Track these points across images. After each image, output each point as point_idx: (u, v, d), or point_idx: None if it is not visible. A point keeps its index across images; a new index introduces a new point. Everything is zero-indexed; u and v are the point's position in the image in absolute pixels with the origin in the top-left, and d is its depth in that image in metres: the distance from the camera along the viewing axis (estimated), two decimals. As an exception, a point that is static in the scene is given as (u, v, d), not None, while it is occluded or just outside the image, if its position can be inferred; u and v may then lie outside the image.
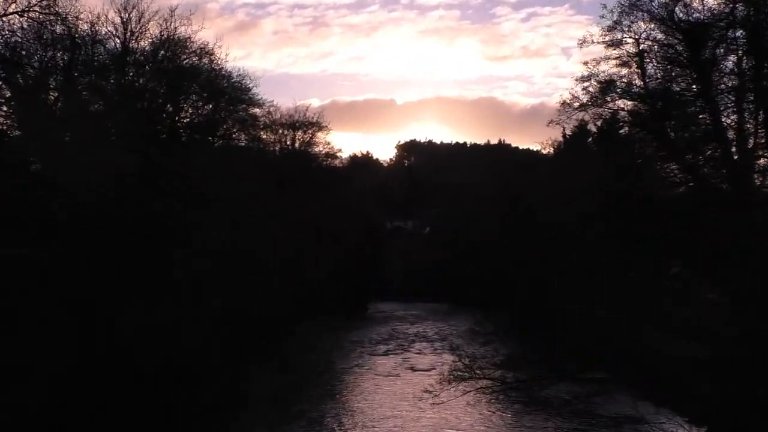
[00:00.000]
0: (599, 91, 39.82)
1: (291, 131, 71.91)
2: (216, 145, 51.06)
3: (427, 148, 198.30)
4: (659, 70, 37.66)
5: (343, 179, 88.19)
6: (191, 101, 47.88)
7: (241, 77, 51.56)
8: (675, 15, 34.62)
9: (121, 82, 41.57)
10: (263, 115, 62.41)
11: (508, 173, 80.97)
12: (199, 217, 35.33)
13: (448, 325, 77.53)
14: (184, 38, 45.02)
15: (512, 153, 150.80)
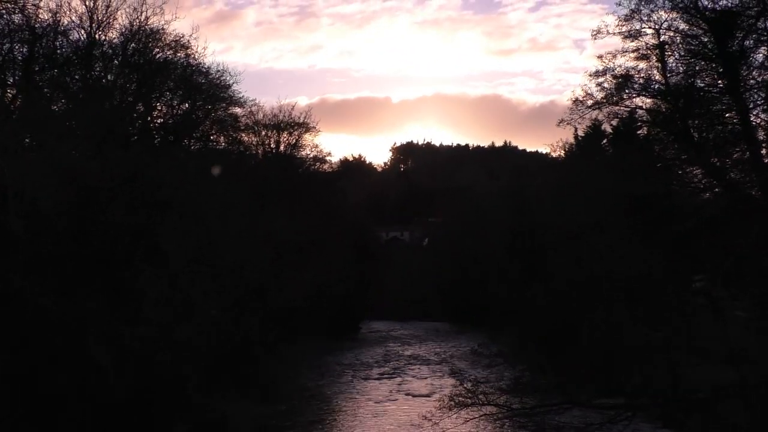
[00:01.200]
0: (615, 87, 39.59)
1: (275, 133, 71.58)
2: (192, 148, 50.73)
3: (425, 150, 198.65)
4: (682, 63, 37.46)
5: (333, 185, 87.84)
6: (165, 100, 47.60)
7: (220, 73, 51.32)
8: (699, 2, 34.43)
9: (86, 78, 41.19)
10: (244, 115, 62.17)
11: (514, 178, 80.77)
12: (169, 230, 34.89)
13: (448, 346, 77.17)
14: (156, 29, 44.72)
15: (519, 156, 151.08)
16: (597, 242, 39.40)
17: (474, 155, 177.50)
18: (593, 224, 40.45)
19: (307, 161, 76.53)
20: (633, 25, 37.78)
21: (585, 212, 43.23)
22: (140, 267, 33.26)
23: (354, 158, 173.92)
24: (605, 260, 37.78)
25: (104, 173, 31.38)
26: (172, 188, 36.28)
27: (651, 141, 40.72)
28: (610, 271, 36.94)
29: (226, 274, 41.46)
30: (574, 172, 53.27)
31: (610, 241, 37.89)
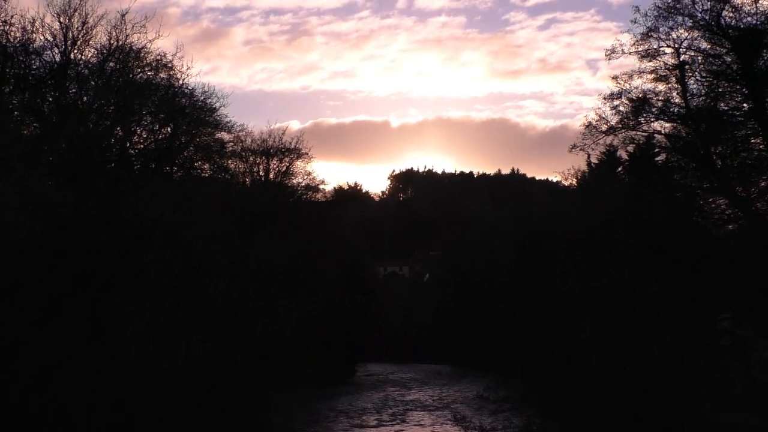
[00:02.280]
0: (631, 110, 39.74)
1: (264, 159, 71.54)
2: (175, 176, 50.58)
3: (426, 178, 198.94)
4: (703, 85, 37.63)
5: (327, 216, 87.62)
6: (145, 123, 47.43)
7: (205, 95, 51.24)
8: (722, 20, 34.64)
9: (60, 100, 41.13)
10: (231, 141, 62.01)
11: (523, 208, 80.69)
12: (150, 259, 34.81)
13: (452, 390, 76.69)
14: (137, 48, 44.69)
15: (528, 184, 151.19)
16: (612, 275, 39.29)
17: (479, 183, 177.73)
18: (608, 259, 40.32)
19: (299, 190, 76.39)
20: (650, 44, 38.05)
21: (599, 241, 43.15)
22: (118, 298, 33.14)
23: (350, 186, 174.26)
24: (621, 292, 37.66)
25: (79, 202, 31.28)
26: (153, 217, 36.20)
27: (670, 168, 40.75)
28: (627, 305, 36.81)
29: (211, 306, 41.30)
30: (588, 201, 53.19)
31: (627, 275, 37.80)
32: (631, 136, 41.77)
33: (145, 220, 35.57)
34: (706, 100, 37.39)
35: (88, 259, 32.53)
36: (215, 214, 46.69)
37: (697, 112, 36.99)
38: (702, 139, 36.87)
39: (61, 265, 31.30)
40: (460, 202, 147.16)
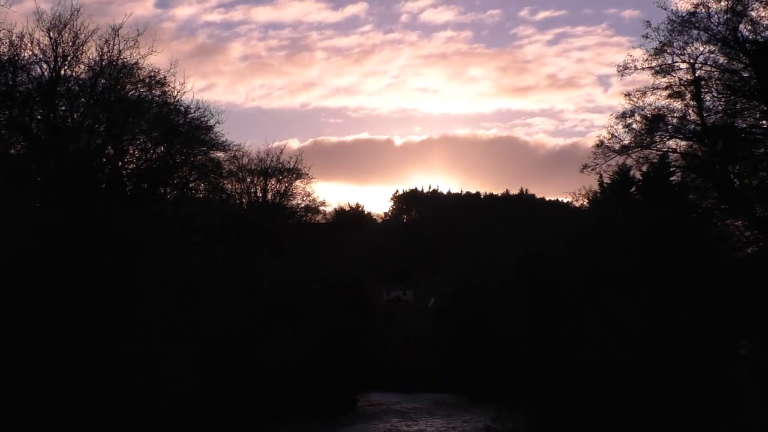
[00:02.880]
0: (645, 128, 39.67)
1: (262, 179, 71.47)
2: (168, 196, 50.49)
3: (431, 199, 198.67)
4: (720, 101, 37.56)
5: (328, 239, 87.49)
6: (138, 142, 47.37)
7: (201, 112, 51.11)
8: (739, 33, 34.62)
9: (49, 118, 41.12)
10: (228, 160, 61.96)
11: (531, 230, 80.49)
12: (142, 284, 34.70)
13: (459, 422, 76.32)
14: (129, 64, 44.65)
15: (537, 205, 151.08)
16: (626, 303, 39.11)
17: (486, 204, 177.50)
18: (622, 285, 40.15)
19: (298, 211, 76.29)
20: (664, 59, 38.00)
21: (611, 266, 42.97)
22: (108, 325, 33.02)
23: (351, 208, 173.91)
24: (635, 321, 37.48)
25: (68, 224, 31.21)
26: (145, 239, 36.09)
27: (686, 189, 40.61)
28: (642, 335, 36.63)
29: (207, 332, 41.13)
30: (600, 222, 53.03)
31: (641, 303, 37.63)
32: (645, 155, 41.71)
33: (136, 242, 35.42)
34: (723, 117, 37.32)
35: (75, 282, 32.40)
36: (211, 236, 46.59)
37: (714, 129, 36.92)
38: (719, 157, 36.79)
39: (50, 288, 31.18)
40: (466, 224, 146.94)
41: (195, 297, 40.63)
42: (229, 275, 46.33)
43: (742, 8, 36.69)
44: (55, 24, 41.93)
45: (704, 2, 37.89)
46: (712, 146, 37.03)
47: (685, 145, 40.26)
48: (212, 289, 42.42)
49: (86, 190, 36.66)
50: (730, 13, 36.89)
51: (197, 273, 40.68)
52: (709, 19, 37.16)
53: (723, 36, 35.91)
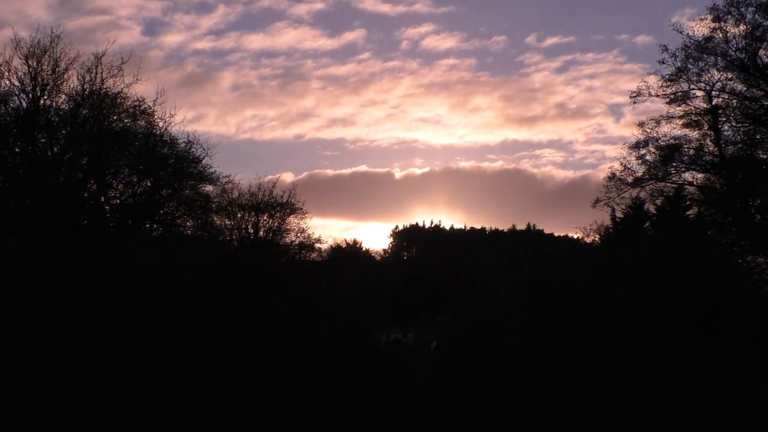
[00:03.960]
0: (660, 159, 39.66)
1: (253, 215, 71.30)
2: (154, 233, 50.36)
3: (432, 235, 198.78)
4: (739, 131, 37.56)
5: (323, 277, 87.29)
6: (122, 176, 47.30)
7: (189, 144, 51.06)
8: (759, 59, 34.62)
9: (27, 151, 41.07)
10: (217, 195, 61.88)
11: (540, 267, 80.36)
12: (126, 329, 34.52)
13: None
14: (113, 93, 44.65)
15: (545, 241, 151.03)
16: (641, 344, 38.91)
17: (491, 240, 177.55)
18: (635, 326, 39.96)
19: (292, 248, 76.08)
20: (680, 86, 38.09)
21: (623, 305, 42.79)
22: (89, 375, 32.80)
23: (348, 244, 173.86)
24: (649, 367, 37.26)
25: (46, 264, 31.05)
26: (130, 281, 35.93)
27: (704, 223, 40.49)
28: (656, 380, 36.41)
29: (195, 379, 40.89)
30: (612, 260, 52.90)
31: (657, 345, 37.42)
32: (659, 187, 41.69)
33: (121, 284, 35.25)
34: (743, 147, 37.32)
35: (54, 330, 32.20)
36: (200, 275, 46.40)
37: (733, 160, 36.89)
38: (738, 190, 36.72)
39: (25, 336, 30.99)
40: (470, 261, 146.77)
41: (182, 342, 40.39)
42: (218, 318, 46.07)
43: (761, 33, 36.79)
44: (34, 51, 41.90)
45: (721, 27, 38.02)
46: (731, 179, 36.97)
47: (702, 177, 40.26)
48: (200, 333, 42.18)
49: (67, 227, 36.51)
50: (749, 39, 36.98)
51: (184, 318, 40.43)
52: (727, 44, 37.27)
53: (741, 62, 35.97)
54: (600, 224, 64.40)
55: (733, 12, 37.58)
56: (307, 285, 75.19)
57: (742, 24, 37.34)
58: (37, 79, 41.84)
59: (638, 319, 40.52)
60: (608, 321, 44.81)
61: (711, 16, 38.66)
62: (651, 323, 39.05)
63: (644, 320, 39.94)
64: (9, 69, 41.33)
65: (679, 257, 38.00)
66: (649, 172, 39.87)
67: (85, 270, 34.17)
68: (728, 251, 38.61)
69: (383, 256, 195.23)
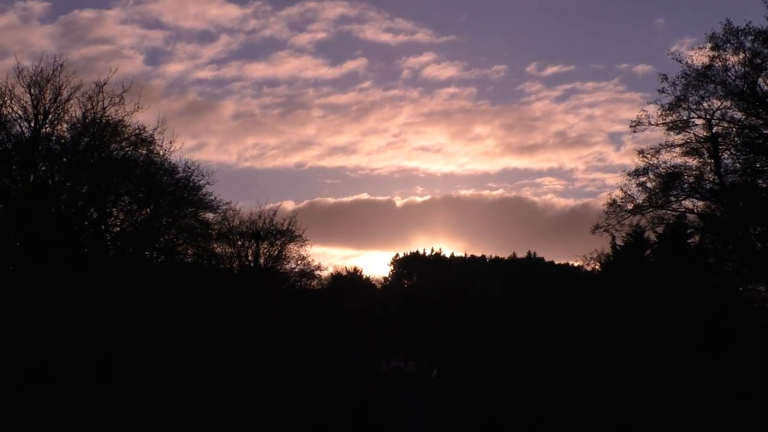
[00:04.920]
0: (660, 187, 39.70)
1: (253, 243, 71.15)
2: (155, 261, 50.29)
3: (433, 263, 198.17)
4: (738, 159, 37.61)
5: (324, 305, 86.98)
6: (123, 204, 47.31)
7: (189, 172, 50.99)
8: (758, 88, 34.71)
9: (28, 179, 41.12)
10: (217, 222, 61.81)
11: (541, 296, 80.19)
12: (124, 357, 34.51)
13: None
14: (114, 122, 44.71)
15: (546, 269, 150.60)
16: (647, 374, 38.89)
17: (492, 268, 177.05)
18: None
19: (292, 276, 75.87)
20: (679, 114, 38.19)
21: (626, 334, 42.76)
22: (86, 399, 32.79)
23: (348, 272, 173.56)
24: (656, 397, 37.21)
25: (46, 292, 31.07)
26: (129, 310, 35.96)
27: (705, 251, 40.49)
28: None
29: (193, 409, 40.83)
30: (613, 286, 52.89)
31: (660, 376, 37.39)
32: (660, 215, 41.70)
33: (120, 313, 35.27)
34: (743, 175, 37.36)
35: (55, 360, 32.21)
36: (199, 305, 46.38)
37: (733, 189, 36.90)
38: (739, 218, 36.73)
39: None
40: (471, 289, 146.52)
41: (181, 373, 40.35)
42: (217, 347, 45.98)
43: (760, 61, 36.94)
44: (37, 80, 42.06)
45: (721, 55, 38.18)
46: (731, 206, 36.98)
47: (703, 205, 40.32)
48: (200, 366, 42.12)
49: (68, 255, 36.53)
50: (749, 67, 37.12)
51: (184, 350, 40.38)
52: (726, 72, 37.42)
53: (741, 90, 36.10)
54: (600, 252, 64.40)
55: (732, 41, 37.80)
56: (309, 312, 75.01)
57: (742, 52, 37.51)
58: (39, 107, 41.96)
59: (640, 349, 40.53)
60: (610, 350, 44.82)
61: (710, 44, 38.92)
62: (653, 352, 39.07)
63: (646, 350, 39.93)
64: (11, 97, 41.50)
65: (681, 285, 38.06)
66: (650, 199, 39.91)
67: (84, 298, 34.18)
68: (730, 279, 38.57)
69: (384, 283, 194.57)
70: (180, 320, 41.55)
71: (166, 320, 39.48)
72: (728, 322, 37.40)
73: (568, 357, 57.66)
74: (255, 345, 54.06)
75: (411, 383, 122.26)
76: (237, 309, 57.03)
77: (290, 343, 62.40)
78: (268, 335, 57.48)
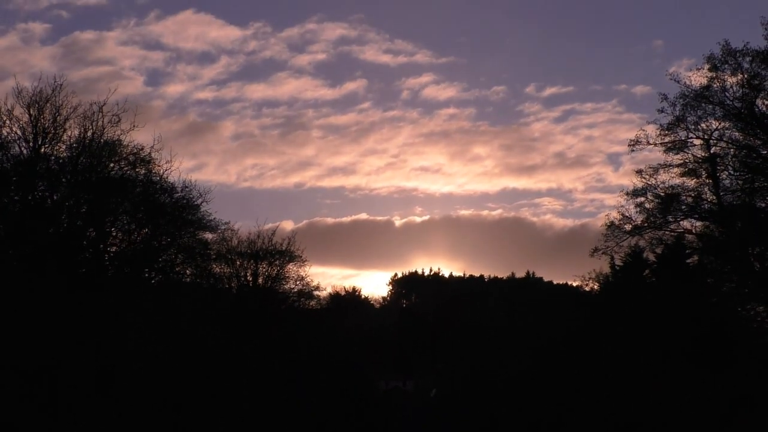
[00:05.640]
0: (658, 208, 39.65)
1: (252, 263, 71.03)
2: (153, 281, 50.14)
3: (432, 283, 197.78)
4: (737, 180, 37.58)
5: (323, 325, 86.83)
6: (121, 223, 47.18)
7: (187, 191, 50.82)
8: (756, 108, 34.70)
9: (27, 199, 41.05)
10: (216, 242, 61.72)
11: (540, 315, 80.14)
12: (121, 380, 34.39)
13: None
14: (112, 141, 44.66)
15: (545, 289, 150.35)
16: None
17: (491, 288, 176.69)
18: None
19: (291, 296, 75.68)
20: (677, 134, 38.19)
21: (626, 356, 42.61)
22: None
23: (347, 292, 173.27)
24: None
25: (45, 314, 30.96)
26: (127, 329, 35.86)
27: (704, 271, 40.41)
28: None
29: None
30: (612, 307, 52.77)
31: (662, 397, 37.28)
32: (658, 235, 41.62)
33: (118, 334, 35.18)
34: (741, 195, 37.31)
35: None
36: (199, 322, 46.23)
37: (731, 209, 36.85)
38: (737, 239, 36.67)
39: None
40: (470, 309, 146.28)
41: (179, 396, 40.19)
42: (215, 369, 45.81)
43: (758, 82, 36.96)
44: (36, 100, 42.03)
45: (719, 76, 38.21)
46: (730, 227, 36.93)
47: (701, 225, 40.25)
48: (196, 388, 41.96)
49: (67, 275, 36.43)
50: (747, 87, 37.15)
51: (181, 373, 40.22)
52: (724, 93, 37.45)
53: (739, 111, 36.12)
54: (599, 272, 64.25)
55: (730, 61, 37.82)
56: (308, 332, 74.86)
57: (740, 73, 37.54)
58: (38, 127, 41.92)
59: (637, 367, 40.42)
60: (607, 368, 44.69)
61: (708, 65, 38.95)
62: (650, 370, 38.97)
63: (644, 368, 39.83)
64: (10, 117, 41.47)
65: (680, 306, 37.97)
66: (648, 220, 39.85)
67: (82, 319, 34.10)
68: (729, 300, 38.49)
69: (382, 303, 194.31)
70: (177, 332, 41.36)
71: (163, 332, 39.29)
72: (727, 342, 37.28)
73: (567, 376, 57.54)
74: (252, 357, 53.75)
75: (410, 403, 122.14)
76: (235, 324, 56.92)
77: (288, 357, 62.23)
78: (265, 350, 57.23)
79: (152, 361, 38.65)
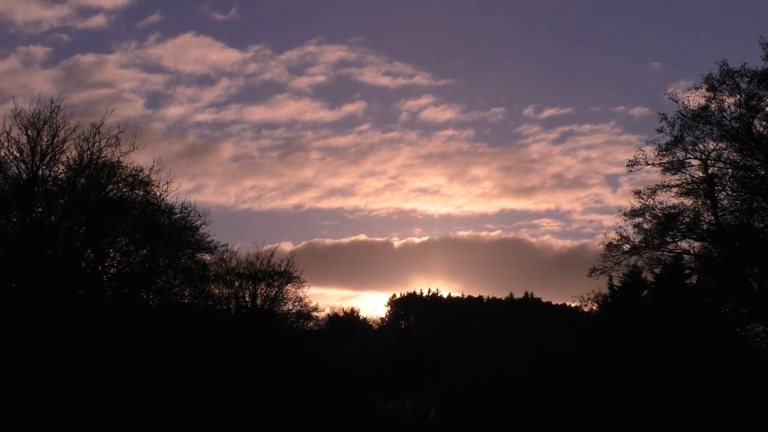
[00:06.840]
0: (656, 228, 39.53)
1: (251, 284, 70.89)
2: (152, 303, 49.98)
3: (430, 304, 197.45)
4: (735, 200, 37.48)
5: (321, 346, 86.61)
6: (119, 245, 47.07)
7: (186, 212, 50.72)
8: (754, 129, 34.65)
9: (25, 221, 40.93)
10: (215, 263, 61.57)
11: (539, 336, 79.97)
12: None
13: None
14: (110, 163, 44.58)
15: (543, 310, 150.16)
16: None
17: (489, 309, 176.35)
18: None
19: (290, 317, 75.52)
20: (675, 155, 38.11)
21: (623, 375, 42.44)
22: None
23: (345, 313, 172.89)
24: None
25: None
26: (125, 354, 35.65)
27: (702, 292, 40.27)
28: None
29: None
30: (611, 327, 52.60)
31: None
32: (656, 256, 41.49)
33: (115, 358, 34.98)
34: (739, 216, 37.23)
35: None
36: (197, 344, 46.04)
37: (729, 229, 36.76)
38: (735, 259, 36.55)
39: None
40: (468, 330, 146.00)
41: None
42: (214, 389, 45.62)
43: (756, 102, 36.93)
44: (34, 121, 41.96)
45: (717, 96, 38.18)
46: (728, 247, 36.81)
47: (699, 245, 40.13)
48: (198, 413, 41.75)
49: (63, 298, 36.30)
50: (744, 108, 37.11)
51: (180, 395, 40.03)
52: (722, 113, 37.42)
53: (736, 131, 36.07)
54: (597, 293, 64.09)
55: (728, 82, 37.81)
56: (307, 354, 74.69)
57: (737, 93, 37.53)
58: (36, 148, 41.82)
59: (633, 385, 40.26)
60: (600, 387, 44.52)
61: (706, 85, 38.92)
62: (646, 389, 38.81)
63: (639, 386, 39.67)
64: (8, 138, 41.38)
65: (679, 326, 37.82)
66: (646, 240, 39.74)
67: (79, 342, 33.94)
68: (727, 320, 38.34)
69: (381, 324, 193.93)
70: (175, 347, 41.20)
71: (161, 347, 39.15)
72: (726, 362, 37.11)
73: (565, 394, 57.34)
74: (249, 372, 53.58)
75: (408, 424, 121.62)
76: (232, 342, 56.74)
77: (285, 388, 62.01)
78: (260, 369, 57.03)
79: (149, 367, 38.41)
